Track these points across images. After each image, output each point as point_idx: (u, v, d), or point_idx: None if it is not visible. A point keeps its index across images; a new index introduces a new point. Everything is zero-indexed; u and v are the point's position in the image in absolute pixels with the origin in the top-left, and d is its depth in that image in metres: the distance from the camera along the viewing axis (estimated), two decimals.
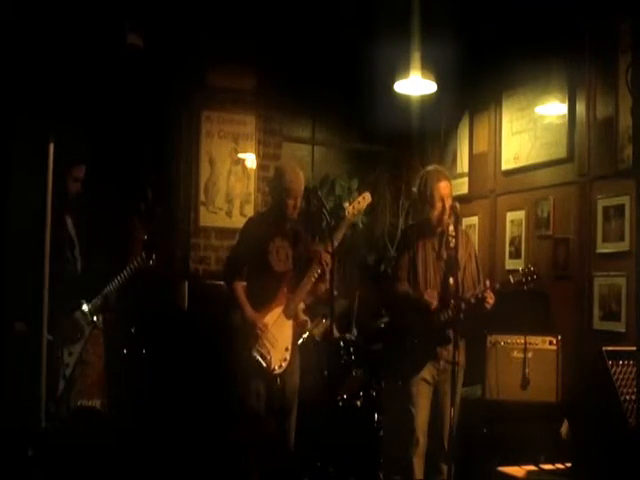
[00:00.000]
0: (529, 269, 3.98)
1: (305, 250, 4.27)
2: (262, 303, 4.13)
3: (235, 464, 4.14)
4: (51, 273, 3.55)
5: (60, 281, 3.78)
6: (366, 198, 4.22)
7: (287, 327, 4.20)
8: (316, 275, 4.14)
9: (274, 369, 4.09)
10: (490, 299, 3.91)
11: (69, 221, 4.01)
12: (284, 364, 4.14)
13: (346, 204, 4.16)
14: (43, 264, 3.43)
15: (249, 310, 4.10)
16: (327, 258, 4.02)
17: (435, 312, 3.95)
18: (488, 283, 4.04)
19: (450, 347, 3.86)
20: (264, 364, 4.06)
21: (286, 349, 4.16)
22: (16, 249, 3.85)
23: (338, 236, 4.07)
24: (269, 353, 4.08)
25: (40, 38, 4.09)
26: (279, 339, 4.13)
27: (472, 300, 3.88)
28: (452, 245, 3.91)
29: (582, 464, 3.09)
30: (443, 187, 4.01)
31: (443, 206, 3.99)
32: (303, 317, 4.75)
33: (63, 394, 3.86)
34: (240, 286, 4.14)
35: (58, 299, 3.74)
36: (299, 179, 4.16)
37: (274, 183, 4.27)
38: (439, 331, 3.94)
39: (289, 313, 4.19)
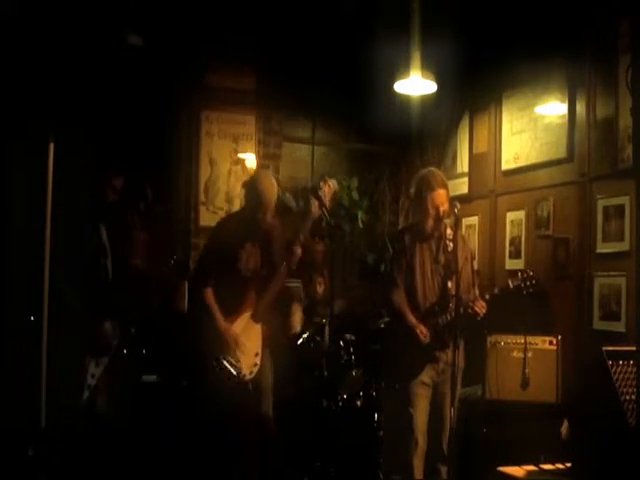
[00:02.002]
0: (528, 273, 3.97)
1: (276, 251, 4.25)
2: (230, 309, 4.12)
3: (234, 464, 4.14)
4: (85, 282, 3.58)
5: (93, 290, 3.79)
6: (331, 186, 4.21)
7: (256, 331, 4.19)
8: (285, 275, 4.15)
9: (244, 375, 4.10)
10: (480, 309, 3.90)
11: (104, 230, 4.01)
12: (254, 369, 4.14)
13: (311, 197, 4.14)
14: (43, 264, 3.44)
15: (220, 320, 4.08)
16: (298, 254, 4.04)
17: (434, 316, 3.95)
18: (477, 292, 4.02)
19: (449, 349, 3.86)
20: (234, 372, 4.06)
21: (256, 354, 4.16)
22: (17, 249, 3.86)
23: (305, 228, 4.09)
24: (239, 360, 4.09)
25: (40, 39, 4.09)
26: (248, 345, 4.13)
27: (460, 310, 3.86)
28: (450, 249, 3.88)
29: (582, 464, 3.08)
30: (437, 196, 3.95)
31: (437, 214, 3.96)
32: (296, 320, 4.76)
33: (86, 404, 3.83)
34: (210, 292, 4.11)
35: (91, 308, 3.75)
36: (272, 190, 4.16)
37: (247, 189, 4.25)
38: (438, 335, 3.93)
39: (257, 317, 4.19)
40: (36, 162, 3.55)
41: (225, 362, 4.05)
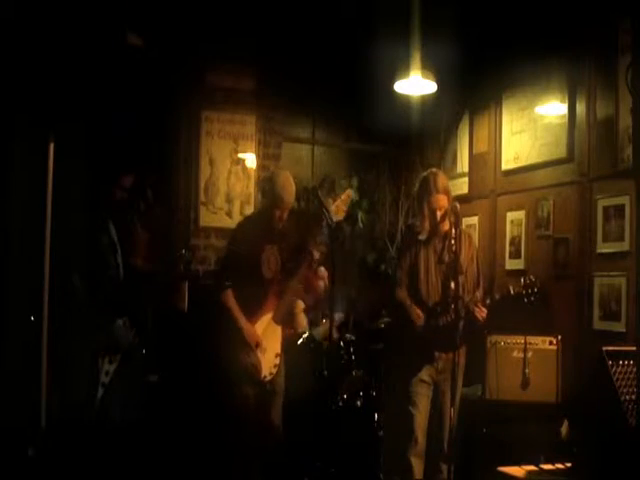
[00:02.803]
0: (531, 280, 3.94)
1: (292, 253, 4.26)
2: (252, 310, 4.13)
3: (234, 464, 4.14)
4: (96, 280, 3.59)
5: (105, 288, 3.79)
6: (349, 195, 4.23)
7: (277, 333, 4.20)
8: (305, 276, 4.16)
9: (265, 377, 4.11)
10: (480, 314, 3.89)
11: (112, 228, 4.01)
12: (274, 370, 4.15)
13: (330, 201, 4.14)
14: (44, 263, 3.44)
15: (243, 321, 4.09)
16: (316, 256, 4.05)
17: (436, 315, 3.95)
18: (478, 295, 4.00)
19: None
20: (255, 374, 4.07)
21: (276, 355, 4.18)
22: (17, 249, 3.86)
23: (322, 237, 4.09)
24: (260, 362, 4.10)
25: (40, 38, 4.09)
26: (269, 347, 4.14)
27: (461, 312, 3.85)
28: (454, 248, 3.86)
29: (582, 464, 3.09)
30: (434, 201, 3.94)
31: (434, 218, 3.96)
32: (301, 319, 4.77)
33: (101, 402, 3.83)
34: (230, 294, 4.11)
35: (102, 306, 3.75)
36: (291, 190, 4.16)
37: (266, 188, 4.26)
38: (439, 334, 3.93)
39: (278, 318, 4.19)
40: (37, 162, 3.56)
41: (247, 365, 4.06)
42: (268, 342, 4.13)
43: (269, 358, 4.14)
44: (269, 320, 4.17)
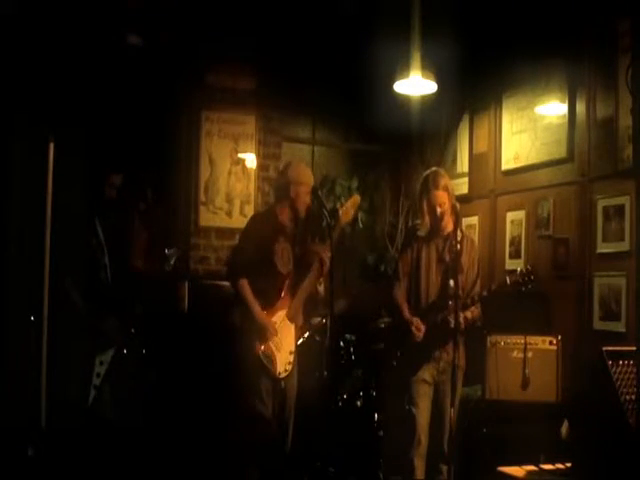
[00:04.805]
0: (527, 269, 3.95)
1: (305, 251, 4.25)
2: (266, 304, 4.09)
3: (235, 464, 4.14)
4: (85, 280, 3.58)
5: (94, 288, 3.78)
6: (356, 201, 4.23)
7: (291, 330, 4.17)
8: (318, 279, 4.14)
9: (279, 373, 4.07)
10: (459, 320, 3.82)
11: (99, 227, 3.99)
12: (289, 368, 4.11)
13: (338, 206, 4.15)
14: (44, 263, 3.44)
15: (259, 310, 4.05)
16: (327, 260, 4.03)
17: (433, 313, 3.95)
18: (469, 301, 3.92)
19: (450, 348, 3.86)
20: (270, 367, 4.04)
21: (290, 352, 4.14)
22: (17, 249, 3.86)
23: (333, 239, 4.07)
24: (275, 356, 4.06)
25: (40, 38, 4.09)
26: (284, 342, 4.10)
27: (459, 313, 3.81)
28: (455, 249, 3.84)
29: (582, 464, 3.09)
30: (433, 197, 3.93)
31: (434, 217, 3.96)
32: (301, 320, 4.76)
33: (93, 404, 3.81)
34: (246, 283, 4.07)
35: (92, 306, 3.74)
36: (305, 173, 4.15)
37: (280, 178, 4.26)
38: (438, 333, 3.93)
39: (292, 316, 4.17)
40: (36, 162, 3.56)
41: (261, 356, 4.03)
42: (283, 338, 4.10)
43: (284, 354, 4.09)
44: (283, 317, 4.14)
